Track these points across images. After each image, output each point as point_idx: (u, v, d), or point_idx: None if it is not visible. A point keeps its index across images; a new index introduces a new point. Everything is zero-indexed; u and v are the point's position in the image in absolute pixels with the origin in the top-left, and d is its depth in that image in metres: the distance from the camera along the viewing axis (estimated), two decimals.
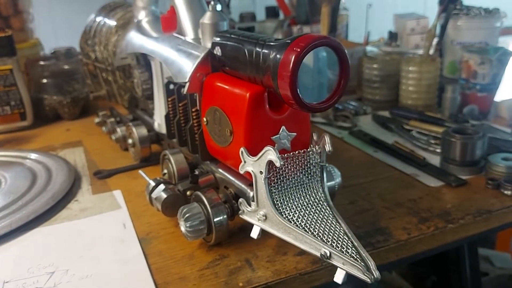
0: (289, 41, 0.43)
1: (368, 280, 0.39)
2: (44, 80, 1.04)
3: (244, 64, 0.49)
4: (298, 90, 0.43)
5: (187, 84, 0.55)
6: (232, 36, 0.52)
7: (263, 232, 0.50)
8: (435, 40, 0.96)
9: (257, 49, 0.47)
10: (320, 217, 0.47)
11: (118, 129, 0.83)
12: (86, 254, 0.55)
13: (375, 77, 1.00)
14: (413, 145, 0.82)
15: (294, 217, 0.47)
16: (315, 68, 0.51)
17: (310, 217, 0.47)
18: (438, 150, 0.76)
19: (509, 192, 0.64)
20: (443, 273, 0.93)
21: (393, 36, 1.14)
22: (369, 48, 1.10)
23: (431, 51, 0.96)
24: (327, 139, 0.50)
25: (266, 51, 0.46)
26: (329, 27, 1.14)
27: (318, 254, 0.43)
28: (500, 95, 0.94)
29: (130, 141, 0.78)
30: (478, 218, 0.59)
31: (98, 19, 0.92)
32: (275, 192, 0.48)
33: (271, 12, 1.37)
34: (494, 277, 1.18)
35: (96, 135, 0.94)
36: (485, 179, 0.67)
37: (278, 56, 0.44)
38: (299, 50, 0.41)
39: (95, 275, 0.50)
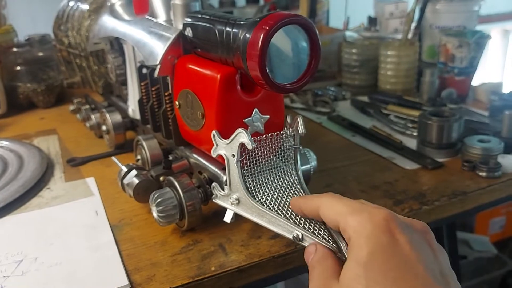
0: (258, 19, 0.42)
1: None
2: (18, 68, 1.01)
3: (215, 45, 0.48)
4: (267, 69, 0.42)
5: (158, 67, 0.54)
6: (203, 16, 0.51)
7: (237, 217, 0.49)
8: (414, 24, 0.96)
9: (227, 28, 0.46)
10: None
11: (93, 116, 0.81)
12: (56, 241, 0.53)
13: (354, 62, 1.00)
14: (390, 129, 0.81)
15: (267, 200, 0.46)
16: (295, 58, 0.49)
17: (283, 200, 0.46)
18: (415, 134, 0.76)
19: (484, 174, 0.64)
20: None
21: (372, 21, 1.13)
22: (348, 33, 1.09)
23: (410, 35, 0.96)
24: (300, 121, 0.49)
25: (235, 30, 0.45)
26: (309, 12, 1.13)
27: (291, 237, 0.42)
28: (478, 79, 0.94)
29: (104, 128, 0.77)
30: (453, 200, 0.59)
31: (71, 3, 0.89)
32: (248, 176, 0.47)
33: None
34: (473, 260, 1.20)
35: (71, 123, 0.92)
36: (461, 161, 0.67)
37: (247, 35, 0.42)
38: (267, 28, 0.40)
39: (64, 263, 0.49)
